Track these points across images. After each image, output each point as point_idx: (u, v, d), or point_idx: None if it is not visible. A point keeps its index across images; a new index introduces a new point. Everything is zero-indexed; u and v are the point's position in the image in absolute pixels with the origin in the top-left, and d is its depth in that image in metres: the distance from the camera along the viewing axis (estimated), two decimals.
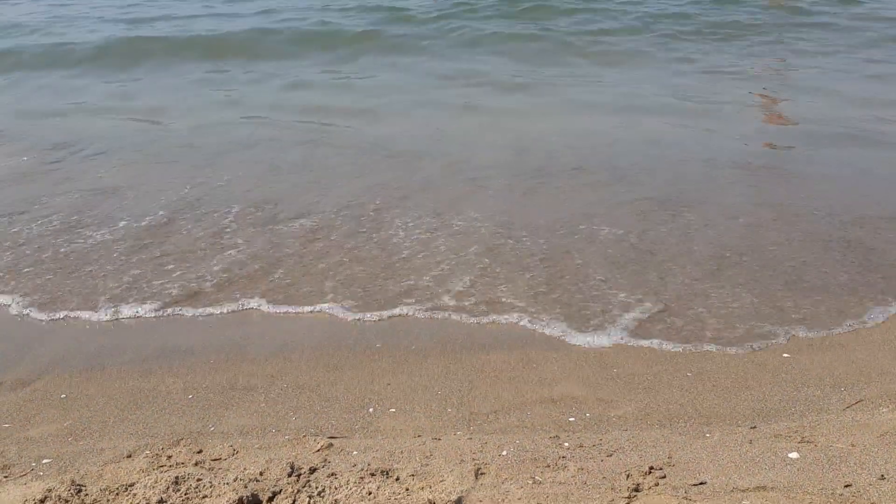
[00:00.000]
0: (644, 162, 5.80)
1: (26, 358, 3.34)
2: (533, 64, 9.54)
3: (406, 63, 9.71)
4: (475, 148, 6.20)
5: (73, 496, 2.28)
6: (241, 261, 4.22)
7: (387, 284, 3.96)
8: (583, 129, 6.76)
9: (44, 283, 4.03)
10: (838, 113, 7.08)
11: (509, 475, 2.38)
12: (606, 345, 3.39)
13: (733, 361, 3.24)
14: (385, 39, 10.97)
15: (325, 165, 5.87)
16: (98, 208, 5.03)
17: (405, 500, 2.18)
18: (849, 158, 5.82)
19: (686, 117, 7.05)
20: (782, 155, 6.05)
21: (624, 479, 2.35)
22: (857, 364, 3.20)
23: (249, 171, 5.71)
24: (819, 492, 2.24)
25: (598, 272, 4.04)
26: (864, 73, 8.77)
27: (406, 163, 5.86)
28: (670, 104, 7.55)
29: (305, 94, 8.25)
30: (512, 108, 7.48)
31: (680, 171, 5.62)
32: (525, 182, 5.39)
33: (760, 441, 2.60)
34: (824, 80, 8.45)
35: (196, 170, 5.77)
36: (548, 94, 8.03)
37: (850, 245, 4.33)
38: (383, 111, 7.44)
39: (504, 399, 2.98)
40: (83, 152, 6.27)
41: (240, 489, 2.27)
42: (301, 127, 6.96)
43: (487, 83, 8.52)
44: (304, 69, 9.46)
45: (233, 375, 3.18)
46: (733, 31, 11.07)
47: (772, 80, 8.64)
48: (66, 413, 2.91)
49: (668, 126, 6.76)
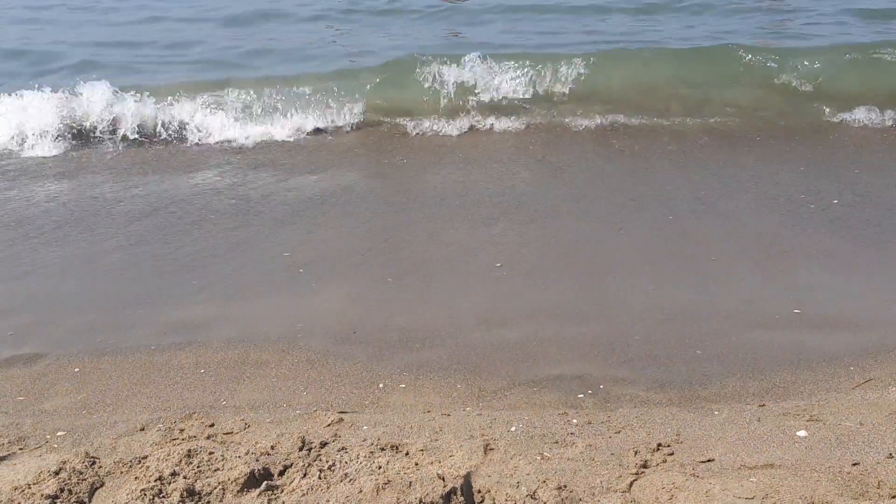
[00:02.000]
0: None
1: (41, 333, 3.37)
2: None
3: None
4: None
5: (88, 468, 2.31)
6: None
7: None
8: None
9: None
10: None
11: (518, 451, 2.39)
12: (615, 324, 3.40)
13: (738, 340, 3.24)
14: None
15: None
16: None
17: (414, 474, 2.20)
18: None
19: None
20: None
21: (632, 456, 2.36)
22: (866, 343, 3.19)
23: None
24: (827, 470, 2.25)
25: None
26: None
27: None
28: None
29: None
30: None
31: None
32: None
33: (769, 419, 2.60)
34: None
35: None
36: None
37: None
38: None
39: (513, 376, 2.99)
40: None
41: (251, 462, 2.30)
42: None
43: None
44: None
45: (244, 351, 3.20)
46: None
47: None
48: (80, 387, 2.94)
49: None
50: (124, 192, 5.09)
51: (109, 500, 2.18)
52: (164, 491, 2.19)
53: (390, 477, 2.19)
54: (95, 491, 2.24)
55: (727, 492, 2.12)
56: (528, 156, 5.68)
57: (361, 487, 2.14)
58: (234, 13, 10.27)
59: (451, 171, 5.40)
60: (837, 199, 4.67)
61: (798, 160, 5.41)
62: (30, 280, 3.92)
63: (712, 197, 4.77)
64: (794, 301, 3.55)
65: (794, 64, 6.72)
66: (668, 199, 4.75)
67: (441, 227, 4.44)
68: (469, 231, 4.37)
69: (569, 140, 6.04)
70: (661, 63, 6.99)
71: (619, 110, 6.45)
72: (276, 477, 2.28)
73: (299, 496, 2.17)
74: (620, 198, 4.81)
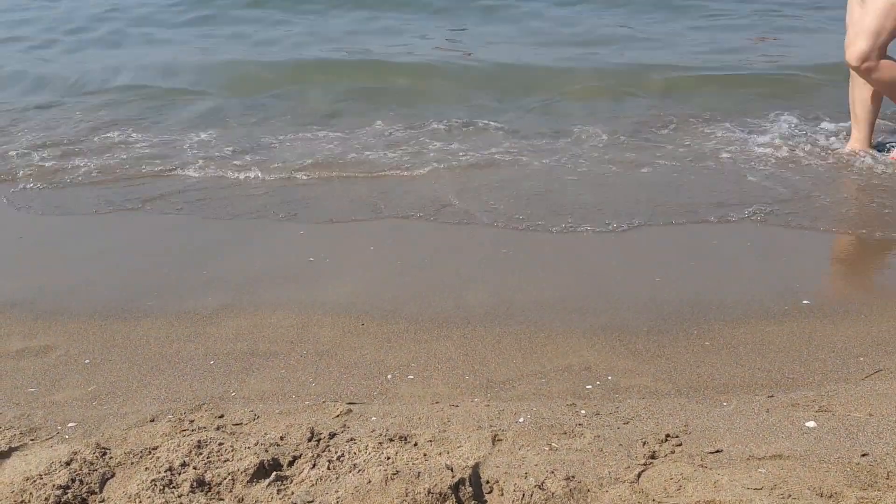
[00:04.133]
0: None
1: (51, 324, 3.39)
2: None
3: None
4: None
5: (98, 459, 2.33)
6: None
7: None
8: None
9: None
10: None
11: (526, 442, 2.40)
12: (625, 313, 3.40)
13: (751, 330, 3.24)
14: None
15: None
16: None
17: (423, 465, 2.21)
18: None
19: None
20: None
21: (640, 447, 2.36)
22: (876, 334, 3.18)
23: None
24: (836, 461, 2.24)
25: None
26: None
27: None
28: None
29: None
30: None
31: None
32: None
33: (777, 410, 2.60)
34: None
35: None
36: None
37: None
38: None
39: (521, 367, 2.99)
40: None
41: (261, 453, 2.31)
42: None
43: None
44: None
45: (253, 342, 3.21)
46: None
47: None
48: (90, 378, 2.96)
49: None
50: (138, 182, 5.10)
51: (120, 491, 2.20)
52: (174, 481, 2.20)
53: (399, 467, 2.19)
54: (106, 481, 2.26)
55: (735, 482, 2.12)
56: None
57: (370, 478, 2.15)
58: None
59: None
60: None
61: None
62: (40, 272, 3.94)
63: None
64: (804, 292, 3.54)
65: None
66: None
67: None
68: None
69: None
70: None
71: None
72: (285, 467, 2.29)
73: (308, 486, 2.18)
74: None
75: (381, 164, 5.30)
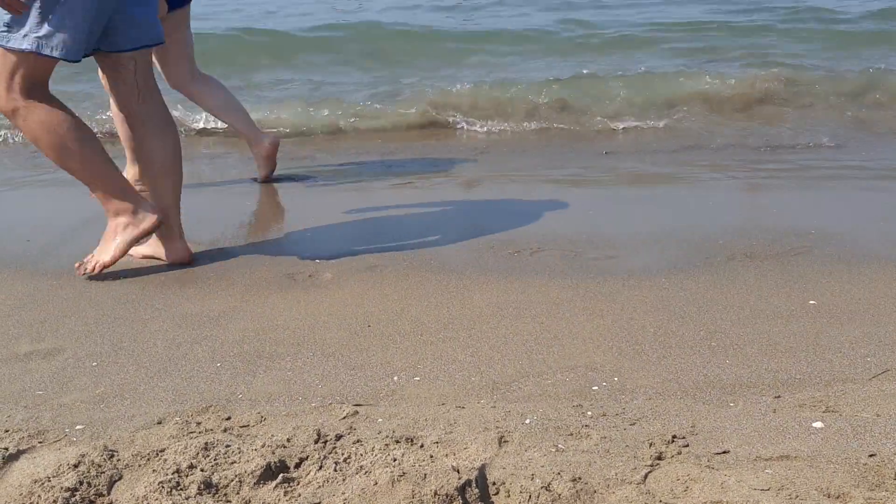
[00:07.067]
0: None
1: (59, 327, 3.40)
2: None
3: None
4: None
5: (106, 461, 2.34)
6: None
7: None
8: None
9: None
10: None
11: (532, 443, 2.40)
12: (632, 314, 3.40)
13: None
14: None
15: None
16: None
17: (429, 466, 2.21)
18: None
19: None
20: None
21: (647, 448, 2.36)
22: (883, 334, 3.17)
23: None
24: (843, 461, 2.24)
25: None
26: None
27: None
28: None
29: None
30: None
31: None
32: None
33: (784, 410, 2.60)
34: None
35: None
36: None
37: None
38: None
39: (527, 368, 2.99)
40: None
41: (268, 455, 2.32)
42: None
43: None
44: None
45: (259, 344, 3.22)
46: None
47: None
48: (97, 381, 2.97)
49: None
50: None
51: (128, 493, 2.21)
52: (181, 483, 2.21)
53: (405, 469, 2.20)
54: (114, 484, 2.27)
55: (742, 483, 2.12)
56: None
57: (377, 480, 2.15)
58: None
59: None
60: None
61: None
62: (50, 275, 3.96)
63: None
64: (809, 291, 3.54)
65: None
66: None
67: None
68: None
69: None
70: None
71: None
72: (292, 469, 2.30)
73: (315, 488, 2.18)
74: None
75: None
